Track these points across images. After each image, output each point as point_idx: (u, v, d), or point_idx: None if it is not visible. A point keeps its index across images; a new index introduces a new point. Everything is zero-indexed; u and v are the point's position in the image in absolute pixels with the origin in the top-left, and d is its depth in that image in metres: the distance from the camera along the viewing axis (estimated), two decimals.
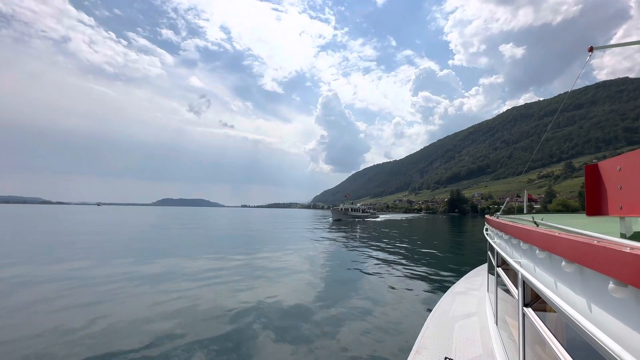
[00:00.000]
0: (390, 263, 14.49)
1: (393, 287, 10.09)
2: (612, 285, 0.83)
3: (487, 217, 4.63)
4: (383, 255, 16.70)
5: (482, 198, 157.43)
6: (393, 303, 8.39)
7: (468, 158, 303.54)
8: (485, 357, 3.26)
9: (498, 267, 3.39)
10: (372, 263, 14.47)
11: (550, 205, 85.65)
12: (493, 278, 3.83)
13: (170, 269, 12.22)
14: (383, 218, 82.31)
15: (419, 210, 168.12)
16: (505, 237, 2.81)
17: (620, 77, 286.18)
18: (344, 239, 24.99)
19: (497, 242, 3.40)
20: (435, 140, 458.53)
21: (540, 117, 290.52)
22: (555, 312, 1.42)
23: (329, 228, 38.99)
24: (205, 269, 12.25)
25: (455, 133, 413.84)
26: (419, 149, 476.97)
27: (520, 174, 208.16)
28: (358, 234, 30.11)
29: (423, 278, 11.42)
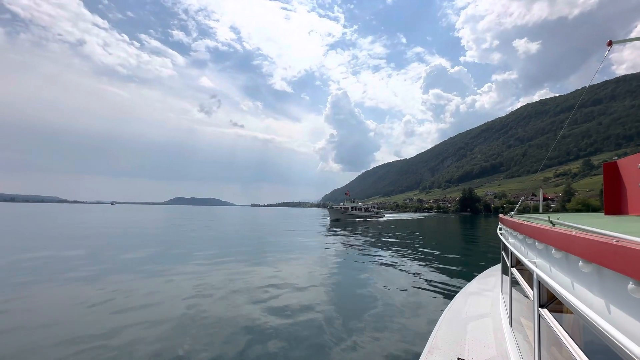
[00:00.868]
0: (398, 263, 14.38)
1: (402, 287, 10.01)
2: (631, 286, 0.81)
3: (501, 216, 4.55)
4: (389, 256, 16.58)
5: (495, 197, 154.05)
6: (403, 303, 8.33)
7: (480, 156, 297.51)
8: (499, 358, 3.21)
9: (512, 267, 3.33)
10: (378, 263, 14.39)
11: (569, 204, 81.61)
12: (507, 278, 3.76)
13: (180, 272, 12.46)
14: (389, 217, 77.89)
15: (430, 210, 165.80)
16: (520, 236, 2.75)
17: None
18: (336, 242, 22.06)
19: (511, 242, 3.32)
20: (447, 138, 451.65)
21: (556, 113, 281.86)
22: (572, 313, 1.38)
23: (321, 230, 33.50)
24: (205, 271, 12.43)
25: (467, 131, 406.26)
26: (430, 147, 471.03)
27: (535, 172, 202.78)
28: (353, 238, 25.78)
29: (434, 278, 11.29)
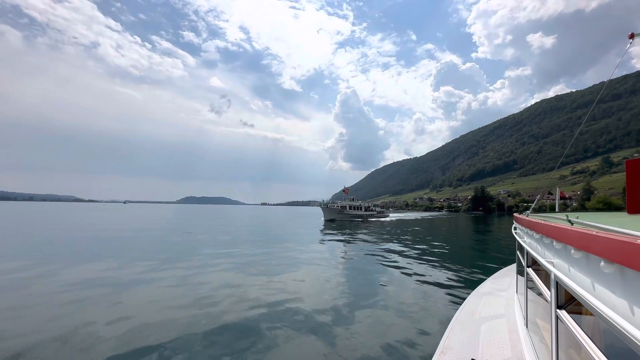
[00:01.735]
0: (409, 264, 14.26)
1: (413, 287, 9.92)
2: None
3: (516, 215, 4.46)
4: (400, 256, 16.45)
5: (508, 195, 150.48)
6: (415, 303, 8.26)
7: (493, 154, 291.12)
8: None
9: (528, 267, 3.25)
10: (388, 263, 14.30)
11: (589, 203, 76.52)
12: (522, 279, 3.68)
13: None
14: (395, 217, 71.16)
15: (440, 209, 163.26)
16: (537, 236, 2.68)
17: None
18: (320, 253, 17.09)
19: (527, 241, 3.26)
20: (458, 136, 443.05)
21: (573, 109, 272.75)
22: (593, 314, 1.34)
23: (309, 235, 27.58)
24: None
25: (479, 128, 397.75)
26: (441, 145, 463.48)
27: (551, 170, 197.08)
28: (340, 245, 20.36)
29: (446, 279, 11.15)
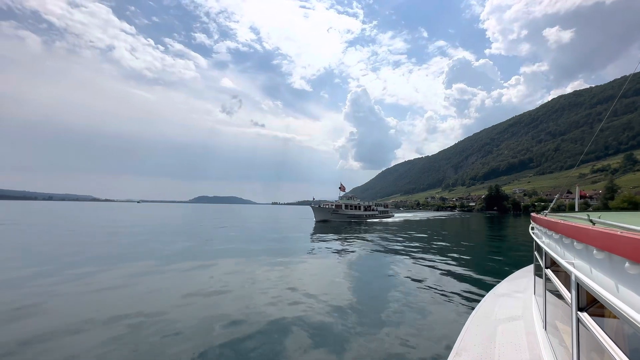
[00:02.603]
0: (422, 265, 14.09)
1: (426, 288, 9.80)
2: None
3: (533, 215, 4.34)
4: (413, 256, 16.27)
5: (524, 194, 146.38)
6: (428, 303, 8.16)
7: (508, 152, 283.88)
8: None
9: (547, 268, 3.17)
10: (401, 263, 14.17)
11: (613, 202, 71.64)
12: (541, 280, 3.57)
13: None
14: (401, 217, 64.23)
15: (453, 208, 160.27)
16: (556, 236, 2.58)
17: None
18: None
19: (545, 241, 3.18)
20: (471, 134, 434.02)
21: (592, 105, 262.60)
22: (617, 317, 1.31)
23: (294, 239, 23.24)
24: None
25: (494, 126, 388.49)
26: (453, 144, 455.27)
27: (570, 168, 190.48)
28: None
29: (460, 279, 10.97)
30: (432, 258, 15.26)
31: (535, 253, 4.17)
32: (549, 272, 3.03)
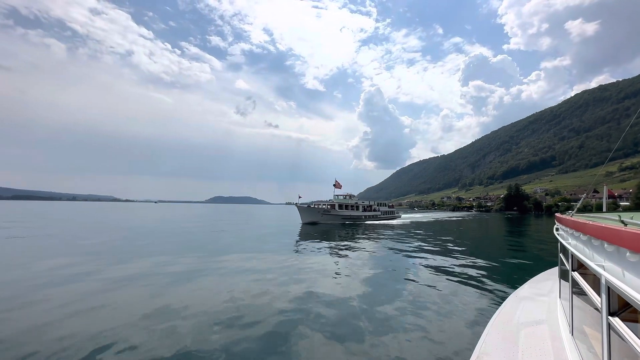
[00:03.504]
0: (439, 266, 13.80)
1: (441, 289, 9.59)
2: None
3: (558, 215, 4.16)
4: (430, 257, 15.96)
5: (546, 194, 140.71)
6: (444, 306, 7.97)
7: (528, 150, 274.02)
8: None
9: (573, 271, 3.05)
10: (417, 264, 13.93)
11: None
12: (566, 283, 3.42)
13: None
14: (408, 219, 57.65)
15: (470, 208, 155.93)
16: (584, 237, 2.48)
17: None
18: None
19: (572, 243, 3.05)
20: (489, 132, 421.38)
21: (619, 100, 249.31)
22: None
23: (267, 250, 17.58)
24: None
25: (513, 123, 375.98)
26: (470, 142, 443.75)
27: (596, 166, 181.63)
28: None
29: (478, 281, 10.67)
30: (444, 259, 14.93)
31: (561, 255, 3.99)
32: (576, 274, 2.90)
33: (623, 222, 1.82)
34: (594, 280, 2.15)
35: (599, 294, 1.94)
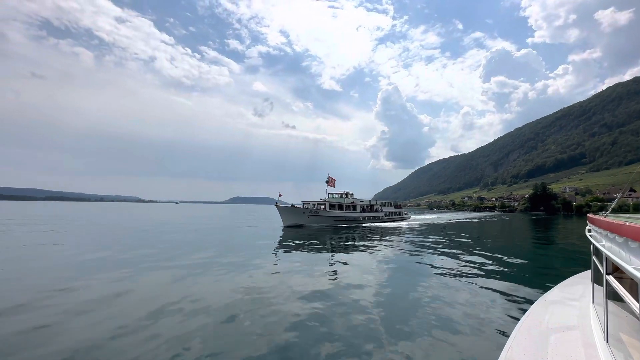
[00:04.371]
0: (455, 265, 13.44)
1: (463, 291, 9.34)
2: None
3: (590, 216, 3.97)
4: (449, 259, 15.57)
5: (576, 193, 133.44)
6: (467, 309, 7.77)
7: (555, 147, 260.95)
8: None
9: (608, 274, 2.93)
10: (435, 265, 13.62)
11: None
12: (600, 287, 3.27)
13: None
14: (418, 220, 51.57)
15: (492, 208, 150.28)
16: (620, 239, 2.38)
17: None
18: None
19: (606, 245, 2.94)
20: (512, 130, 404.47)
21: None
22: None
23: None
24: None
25: (538, 120, 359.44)
26: (492, 140, 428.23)
27: (631, 163, 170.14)
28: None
29: (503, 284, 10.31)
30: (465, 260, 14.51)
31: (594, 258, 3.80)
32: (611, 278, 2.78)
33: None
34: (632, 285, 2.05)
35: (637, 299, 1.86)
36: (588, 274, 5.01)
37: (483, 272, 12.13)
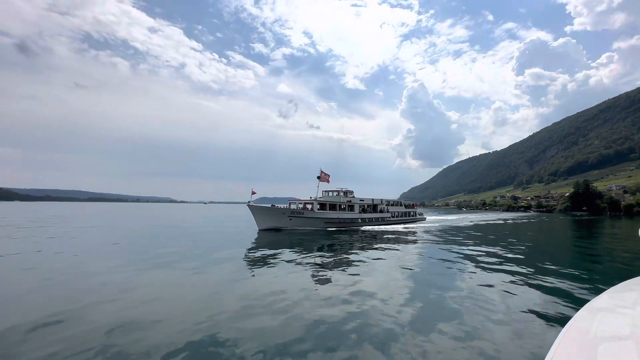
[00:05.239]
0: (490, 266, 12.80)
1: (500, 295, 8.90)
2: None
3: None
4: (482, 257, 14.87)
5: (625, 192, 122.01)
6: (505, 316, 7.41)
7: (599, 142, 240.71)
8: None
9: None
10: (466, 262, 13.06)
11: None
12: None
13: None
14: (436, 222, 45.48)
15: (527, 208, 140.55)
16: None
17: None
18: None
19: None
20: (550, 124, 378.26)
21: None
22: None
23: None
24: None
25: (579, 113, 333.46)
26: (527, 136, 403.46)
27: None
28: None
29: (543, 289, 9.70)
30: (500, 262, 13.76)
31: None
32: None
33: None
34: None
35: None
36: None
37: (520, 270, 11.47)
